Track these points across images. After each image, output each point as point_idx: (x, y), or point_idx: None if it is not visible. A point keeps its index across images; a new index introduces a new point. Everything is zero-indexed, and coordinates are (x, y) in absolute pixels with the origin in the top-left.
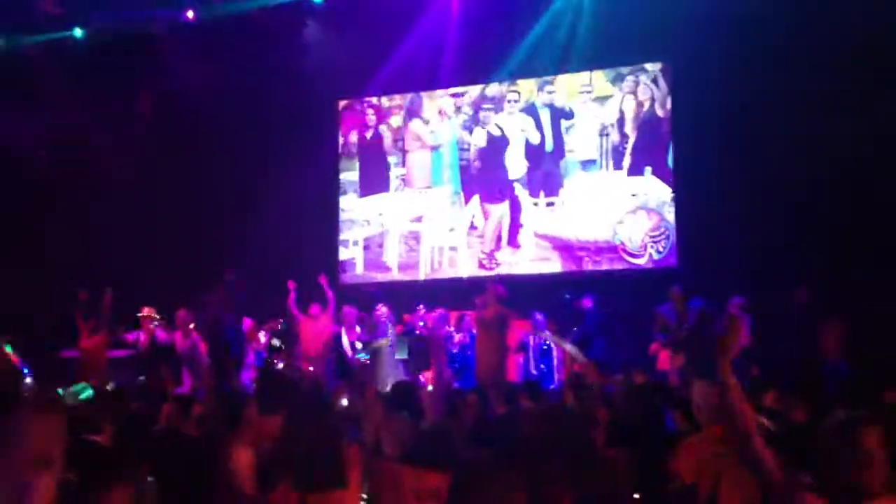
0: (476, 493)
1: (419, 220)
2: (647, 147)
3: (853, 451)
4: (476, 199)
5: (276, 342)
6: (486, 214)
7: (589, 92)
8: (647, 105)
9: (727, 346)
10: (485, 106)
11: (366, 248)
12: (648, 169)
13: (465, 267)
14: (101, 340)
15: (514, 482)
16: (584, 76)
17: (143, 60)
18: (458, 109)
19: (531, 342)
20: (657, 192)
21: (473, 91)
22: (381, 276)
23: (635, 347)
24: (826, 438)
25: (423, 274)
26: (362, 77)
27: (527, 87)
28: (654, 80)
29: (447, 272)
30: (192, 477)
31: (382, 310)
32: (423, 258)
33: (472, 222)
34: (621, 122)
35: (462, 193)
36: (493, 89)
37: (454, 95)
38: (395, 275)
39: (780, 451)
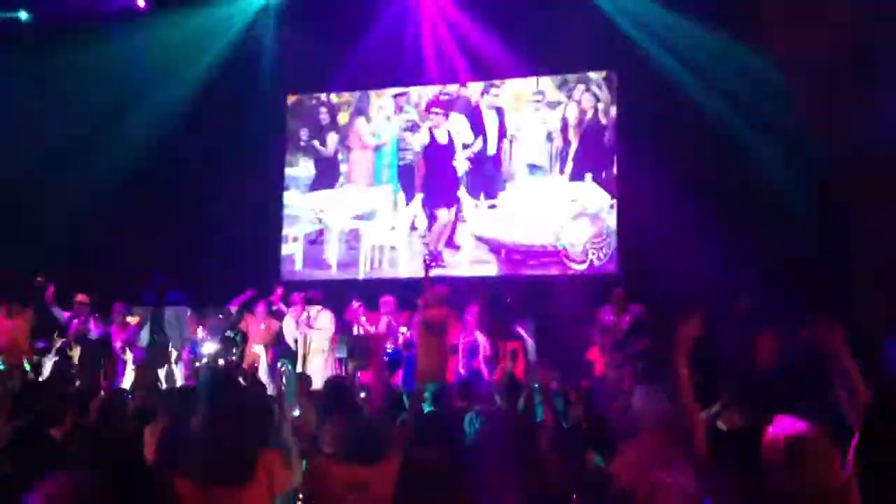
0: (425, 490)
1: (360, 218)
2: (589, 154)
3: (793, 466)
4: (419, 198)
5: (230, 333)
6: (429, 215)
7: (537, 98)
8: (590, 112)
9: (682, 340)
10: (434, 109)
11: (308, 244)
12: (589, 175)
13: (406, 267)
14: (20, 324)
15: (460, 481)
16: (531, 81)
17: (91, 47)
18: (401, 109)
19: (461, 343)
20: (597, 199)
21: (420, 91)
22: (320, 274)
23: (574, 352)
24: (767, 451)
25: (362, 272)
26: (314, 73)
27: (474, 89)
28: (599, 88)
29: (387, 272)
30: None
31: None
32: (363, 256)
33: (413, 222)
34: (565, 128)
35: (404, 193)
36: (441, 91)
37: (400, 95)
38: (335, 272)
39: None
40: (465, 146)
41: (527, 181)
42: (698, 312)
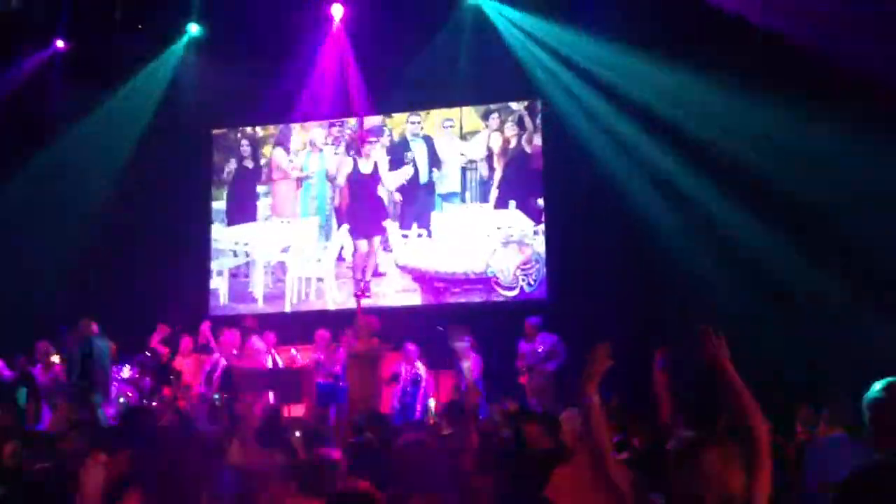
0: None
1: (286, 250)
2: (513, 182)
3: (693, 471)
4: (345, 229)
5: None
6: (356, 246)
7: (456, 127)
8: (514, 141)
9: (593, 370)
10: (366, 140)
11: (232, 277)
12: (513, 203)
13: (333, 298)
14: None
15: None
16: (454, 111)
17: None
18: (329, 141)
19: (402, 372)
20: (522, 226)
21: (345, 123)
22: (246, 308)
23: (507, 377)
24: (671, 460)
25: (289, 305)
26: (238, 107)
27: (399, 120)
28: (521, 118)
29: (314, 304)
30: None
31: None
32: (290, 289)
33: (340, 253)
34: (489, 157)
35: (330, 225)
36: (366, 122)
37: (327, 126)
38: (261, 306)
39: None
40: (391, 176)
41: (453, 209)
42: (606, 343)
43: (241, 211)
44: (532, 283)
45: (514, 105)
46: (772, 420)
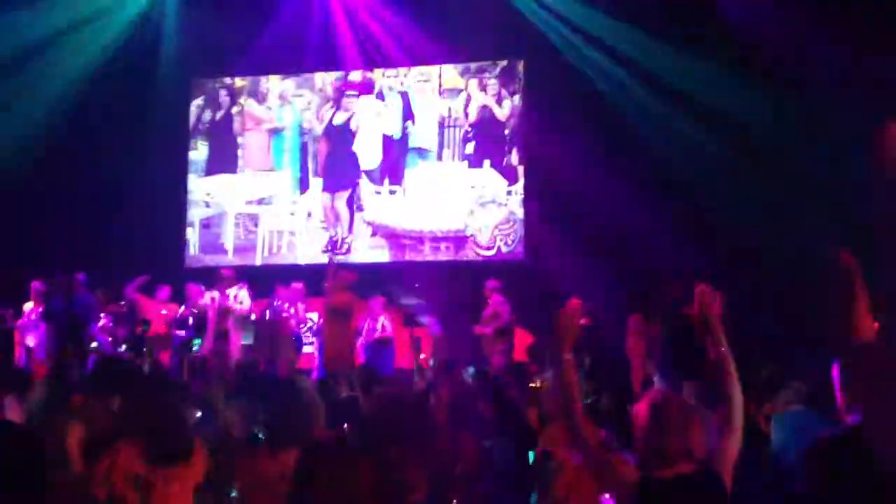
0: (322, 473)
1: (258, 202)
2: (489, 141)
3: (655, 422)
4: (318, 183)
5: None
6: (329, 201)
7: (433, 83)
8: (492, 101)
9: (567, 328)
10: (347, 93)
11: (203, 228)
12: (487, 162)
13: (304, 252)
14: None
15: (359, 462)
16: (433, 69)
17: None
18: (305, 94)
19: (366, 327)
20: (496, 185)
21: (323, 77)
22: (216, 259)
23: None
24: (638, 413)
25: (259, 258)
26: (219, 57)
27: (377, 75)
28: (502, 76)
29: (285, 257)
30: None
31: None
32: (261, 242)
33: (312, 208)
34: (466, 115)
35: (303, 178)
36: (343, 75)
37: (304, 79)
38: (231, 258)
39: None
40: (366, 131)
41: (427, 167)
42: (576, 301)
43: (219, 162)
44: (509, 243)
45: (494, 64)
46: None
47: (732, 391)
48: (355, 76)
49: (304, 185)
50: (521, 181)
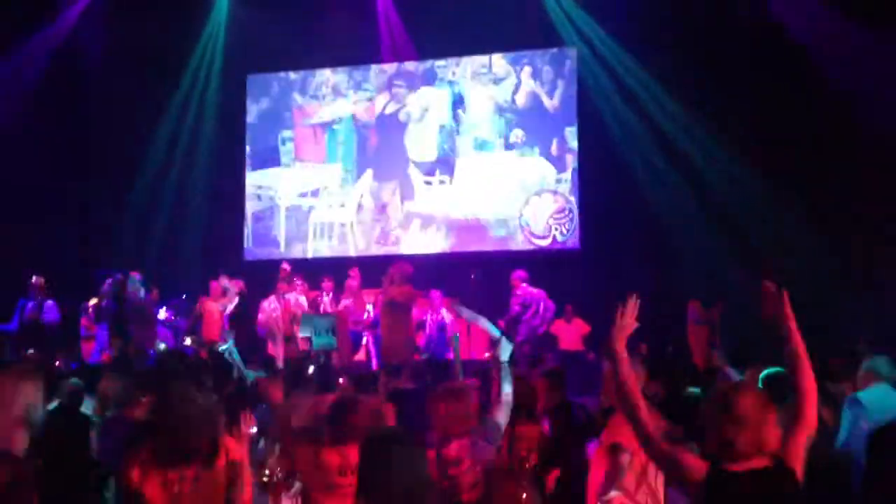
0: (385, 464)
1: (310, 195)
2: (542, 129)
3: (729, 415)
4: (369, 174)
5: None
6: (379, 192)
7: (486, 73)
8: (546, 88)
9: (622, 326)
10: (396, 83)
11: (255, 222)
12: (537, 149)
13: (355, 244)
14: None
15: (420, 454)
16: (483, 58)
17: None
18: (356, 86)
19: (428, 320)
20: (545, 174)
21: (375, 69)
22: (268, 252)
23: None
24: (707, 405)
25: (311, 251)
26: (271, 52)
27: (428, 66)
28: (554, 64)
29: (336, 249)
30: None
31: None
32: (311, 234)
33: (361, 200)
34: (514, 102)
35: (355, 170)
36: (395, 68)
37: (356, 72)
38: (283, 250)
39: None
40: (423, 123)
41: (479, 157)
42: (636, 299)
43: (267, 156)
44: (565, 232)
45: (545, 52)
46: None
47: (807, 384)
48: (407, 67)
49: (355, 177)
50: (571, 169)
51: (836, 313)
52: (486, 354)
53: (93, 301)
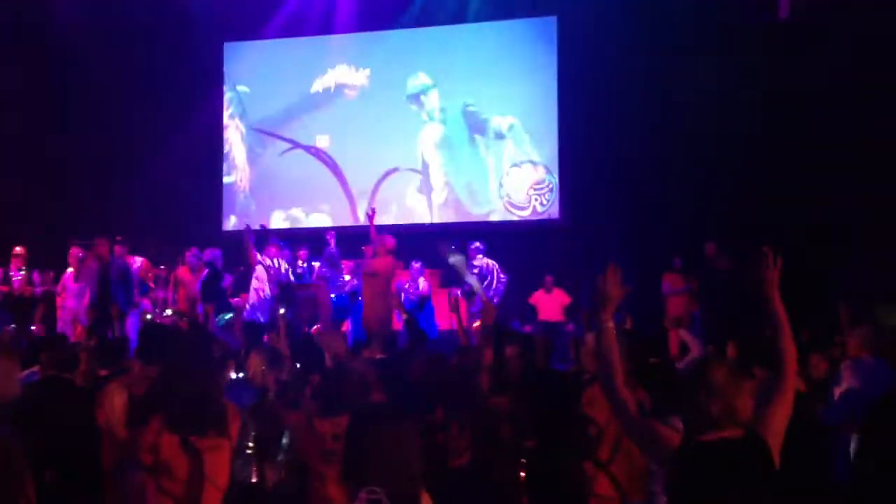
0: (373, 438)
1: None
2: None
3: (703, 385)
4: None
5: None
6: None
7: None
8: (524, 58)
9: (609, 295)
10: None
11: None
12: (518, 122)
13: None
14: None
15: (408, 427)
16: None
17: None
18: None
19: (406, 287)
20: (527, 145)
21: (343, 38)
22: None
23: (517, 298)
24: (683, 377)
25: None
26: (249, 19)
27: (401, 34)
28: (534, 34)
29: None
30: (69, 424)
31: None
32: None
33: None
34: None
35: None
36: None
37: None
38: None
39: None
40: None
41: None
42: (615, 268)
43: None
44: (545, 202)
45: (526, 21)
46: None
47: (787, 353)
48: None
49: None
50: (556, 142)
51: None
52: (476, 324)
53: (68, 270)
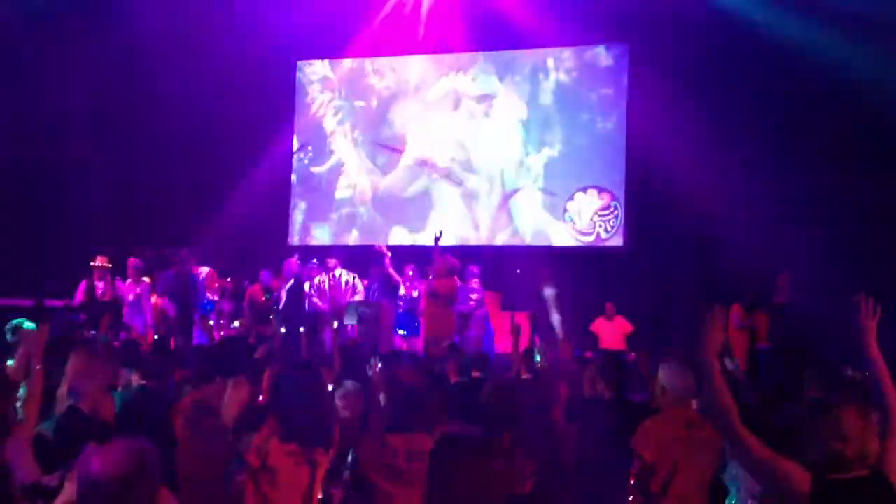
0: (460, 460)
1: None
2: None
3: (833, 428)
4: None
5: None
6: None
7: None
8: (591, 85)
9: (713, 338)
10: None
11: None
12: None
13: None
14: None
15: (493, 450)
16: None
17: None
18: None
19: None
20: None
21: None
22: (312, 240)
23: (578, 324)
24: (808, 417)
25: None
26: (322, 39)
27: (479, 59)
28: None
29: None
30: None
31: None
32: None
33: None
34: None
35: None
36: (445, 60)
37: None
38: (328, 239)
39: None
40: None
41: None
42: (722, 311)
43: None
44: (609, 229)
45: (596, 49)
46: None
47: (889, 397)
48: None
49: None
50: (623, 168)
51: None
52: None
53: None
